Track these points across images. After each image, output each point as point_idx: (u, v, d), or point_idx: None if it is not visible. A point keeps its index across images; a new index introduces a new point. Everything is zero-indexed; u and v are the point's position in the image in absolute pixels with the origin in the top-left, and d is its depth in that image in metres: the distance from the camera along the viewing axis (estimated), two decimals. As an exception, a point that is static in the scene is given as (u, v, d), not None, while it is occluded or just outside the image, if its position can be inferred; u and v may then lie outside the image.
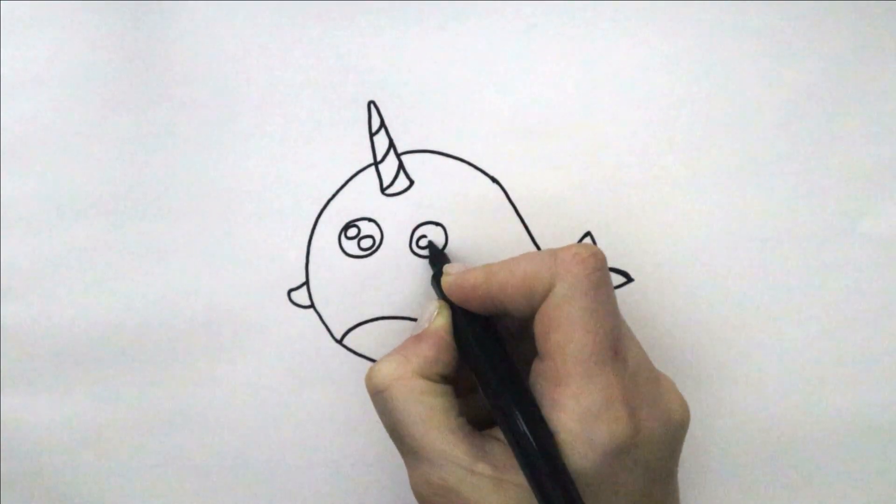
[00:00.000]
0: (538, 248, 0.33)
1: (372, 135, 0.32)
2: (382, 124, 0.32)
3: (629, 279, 0.33)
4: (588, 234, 0.33)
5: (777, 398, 0.34)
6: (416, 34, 0.32)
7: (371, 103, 0.32)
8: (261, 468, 0.34)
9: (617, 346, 0.27)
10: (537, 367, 0.28)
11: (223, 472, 0.34)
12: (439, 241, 0.33)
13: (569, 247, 0.28)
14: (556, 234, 0.33)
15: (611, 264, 0.33)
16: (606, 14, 0.32)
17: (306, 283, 0.33)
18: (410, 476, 0.28)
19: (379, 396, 0.29)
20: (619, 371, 0.27)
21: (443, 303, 0.30)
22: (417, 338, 0.29)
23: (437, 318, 0.30)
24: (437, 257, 0.32)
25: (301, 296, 0.33)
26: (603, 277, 0.27)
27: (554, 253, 0.28)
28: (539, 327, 0.27)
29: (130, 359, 0.33)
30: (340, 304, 0.33)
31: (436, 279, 0.31)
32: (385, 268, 0.33)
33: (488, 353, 0.29)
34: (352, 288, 0.33)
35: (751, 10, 0.32)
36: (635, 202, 0.33)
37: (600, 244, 0.33)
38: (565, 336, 0.27)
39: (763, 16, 0.32)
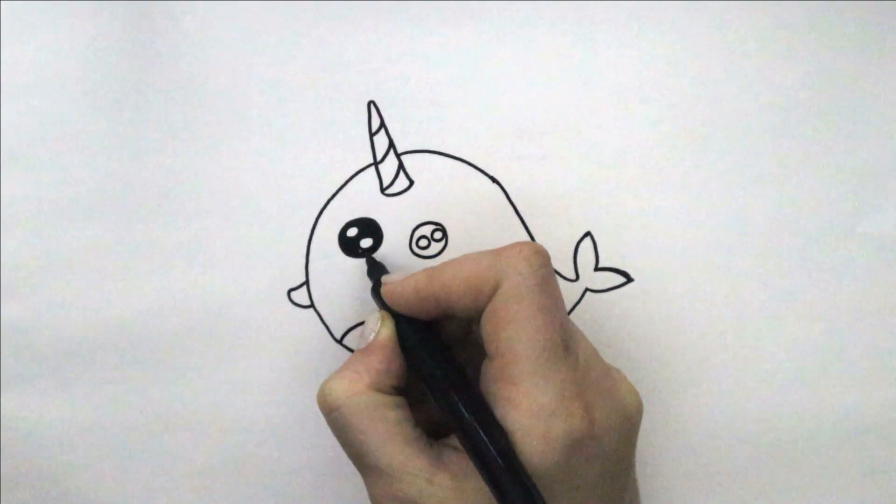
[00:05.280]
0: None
1: (372, 135, 0.32)
2: (382, 124, 0.32)
3: (629, 279, 0.33)
4: (588, 234, 0.33)
5: (777, 398, 0.34)
6: (416, 34, 0.32)
7: (371, 103, 0.32)
8: (261, 468, 0.34)
9: (567, 342, 0.27)
10: (487, 367, 0.28)
11: (223, 472, 0.34)
12: (439, 242, 0.33)
13: (512, 245, 0.28)
14: (556, 234, 0.33)
15: (611, 264, 0.33)
16: (606, 14, 0.32)
17: (306, 283, 0.33)
18: (370, 491, 0.28)
19: (334, 414, 0.28)
20: (571, 366, 0.27)
21: (385, 313, 0.30)
22: (364, 352, 0.29)
23: (381, 330, 0.30)
24: (374, 269, 0.32)
25: (301, 296, 0.33)
26: (548, 274, 0.27)
27: (498, 252, 0.28)
28: (487, 327, 0.27)
29: (130, 359, 0.33)
30: (340, 304, 0.33)
31: (375, 290, 0.31)
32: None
33: (435, 359, 0.29)
34: (352, 288, 0.33)
35: (750, 10, 0.32)
36: (635, 202, 0.33)
37: (600, 244, 0.33)
38: (515, 334, 0.27)
39: (762, 16, 0.32)
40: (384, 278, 0.30)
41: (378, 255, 0.33)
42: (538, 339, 0.26)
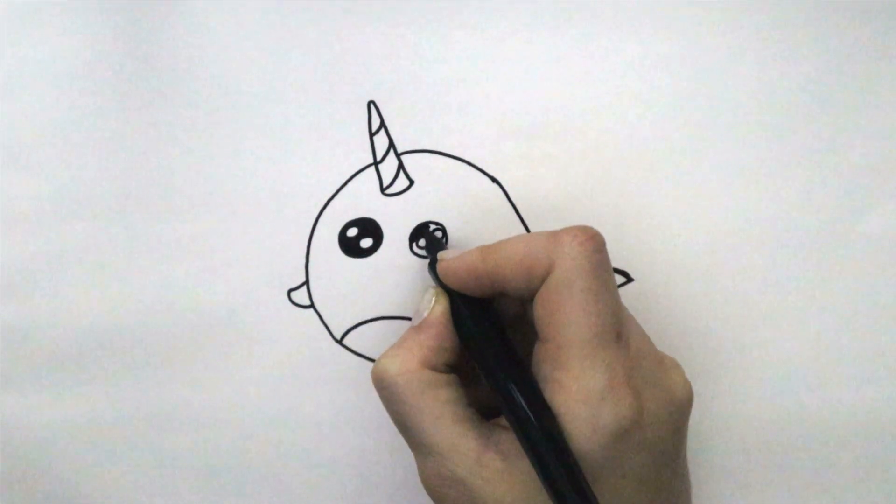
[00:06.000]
0: (538, 248, 0.33)
1: (372, 135, 0.32)
2: (382, 124, 0.32)
3: (629, 279, 0.33)
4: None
5: (777, 398, 0.34)
6: (416, 34, 0.32)
7: (371, 103, 0.32)
8: (261, 468, 0.34)
9: (619, 328, 0.27)
10: (539, 350, 0.28)
11: (223, 472, 0.34)
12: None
13: (568, 229, 0.28)
14: (556, 234, 0.33)
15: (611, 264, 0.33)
16: (606, 14, 0.32)
17: (306, 283, 0.33)
18: (419, 468, 0.28)
19: (386, 391, 0.28)
20: (622, 352, 0.27)
21: (439, 289, 0.30)
22: (418, 328, 0.29)
23: (434, 306, 0.29)
24: (433, 244, 0.32)
25: (301, 296, 0.33)
26: (602, 259, 0.27)
27: (553, 235, 0.27)
28: (539, 310, 0.27)
29: (130, 359, 0.33)
30: (340, 304, 0.33)
31: (432, 266, 0.31)
32: (385, 268, 0.33)
33: (488, 338, 0.28)
34: (352, 288, 0.33)
35: (750, 9, 0.32)
36: (635, 202, 0.33)
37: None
38: (566, 318, 0.26)
39: (762, 15, 0.32)
40: (440, 254, 0.30)
41: (378, 255, 0.33)
42: (589, 325, 0.26)
